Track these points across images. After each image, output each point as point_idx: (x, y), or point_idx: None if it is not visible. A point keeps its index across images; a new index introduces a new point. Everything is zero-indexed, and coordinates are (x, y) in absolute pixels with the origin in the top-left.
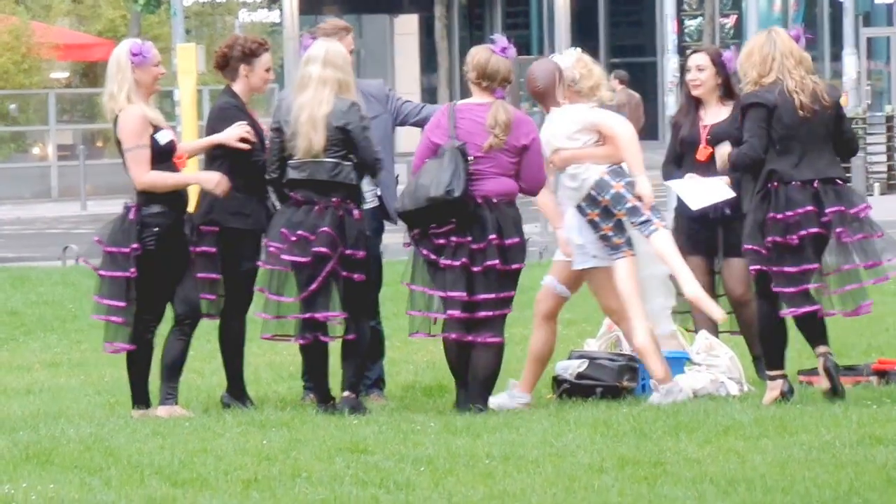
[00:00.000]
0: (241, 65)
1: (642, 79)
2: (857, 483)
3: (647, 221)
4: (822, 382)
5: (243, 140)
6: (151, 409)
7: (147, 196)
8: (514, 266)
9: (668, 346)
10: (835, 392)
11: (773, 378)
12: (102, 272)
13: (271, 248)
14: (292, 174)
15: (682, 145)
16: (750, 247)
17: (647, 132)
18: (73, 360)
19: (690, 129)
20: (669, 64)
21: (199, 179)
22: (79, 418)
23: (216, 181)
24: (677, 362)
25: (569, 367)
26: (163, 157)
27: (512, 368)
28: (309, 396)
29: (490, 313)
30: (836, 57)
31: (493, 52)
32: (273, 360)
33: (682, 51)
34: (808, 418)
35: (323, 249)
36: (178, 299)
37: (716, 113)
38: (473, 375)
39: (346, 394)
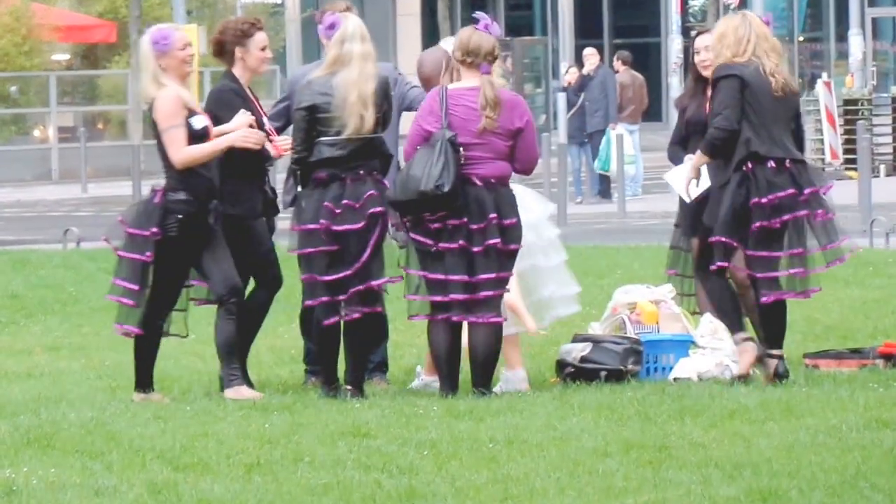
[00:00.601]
0: (236, 47)
1: (646, 60)
2: (863, 467)
3: None
4: (765, 380)
5: (252, 129)
6: (153, 394)
7: (174, 182)
8: (512, 246)
9: (673, 329)
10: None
11: (744, 340)
12: (121, 252)
13: (316, 228)
14: (328, 151)
15: (689, 127)
16: (723, 240)
17: (651, 113)
18: (74, 343)
19: (697, 110)
20: (673, 45)
21: (232, 140)
22: (80, 402)
23: (246, 137)
24: (682, 345)
25: (573, 351)
26: (197, 141)
27: (522, 353)
28: (311, 380)
29: (491, 293)
30: (842, 37)
31: (475, 30)
32: (274, 343)
33: (686, 32)
34: (814, 402)
35: (378, 209)
36: (218, 280)
37: None
38: (474, 358)
39: (348, 387)
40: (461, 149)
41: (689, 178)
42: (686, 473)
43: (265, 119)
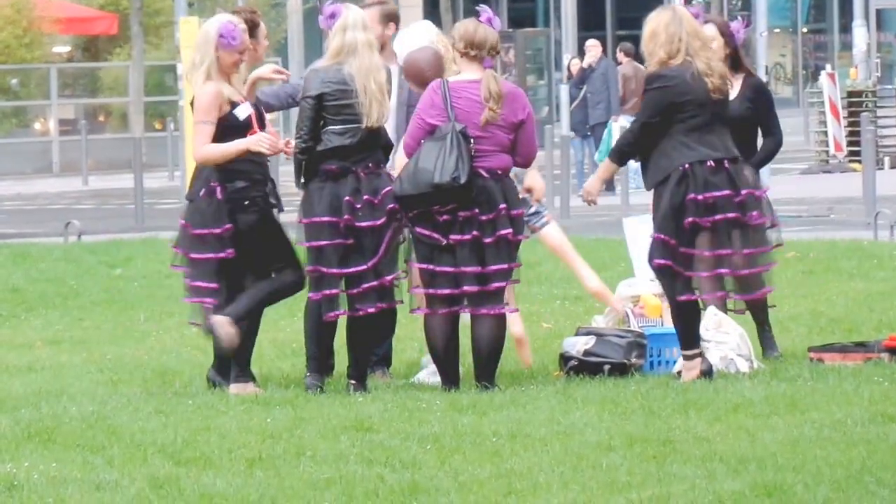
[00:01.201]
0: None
1: None
2: (869, 461)
3: (536, 213)
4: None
5: (267, 135)
6: (251, 385)
7: (226, 173)
8: (521, 237)
9: None
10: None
11: (690, 358)
12: (194, 255)
13: (336, 222)
14: (337, 140)
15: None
16: (662, 237)
17: None
18: (74, 337)
19: None
20: None
21: (248, 144)
22: (81, 396)
23: (263, 142)
24: None
25: (576, 344)
26: (240, 130)
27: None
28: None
29: (502, 284)
30: (846, 29)
31: (479, 23)
32: (276, 337)
33: None
34: (819, 396)
35: (395, 205)
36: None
37: None
38: (478, 350)
39: (352, 381)
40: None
41: (599, 189)
42: (690, 468)
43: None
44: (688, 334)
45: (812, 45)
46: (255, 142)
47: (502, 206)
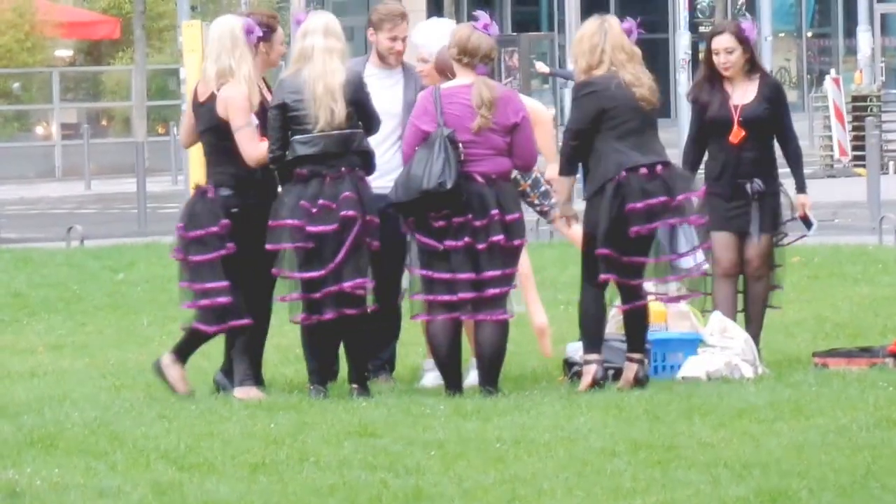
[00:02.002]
0: (261, 43)
1: (654, 55)
2: (874, 467)
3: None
4: (626, 384)
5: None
6: (254, 389)
7: (221, 178)
8: (517, 242)
9: (681, 328)
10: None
11: (588, 362)
12: (196, 258)
13: (292, 225)
14: (302, 150)
15: (711, 126)
16: (605, 251)
17: (660, 109)
18: (77, 342)
19: (720, 109)
20: (681, 41)
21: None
22: (83, 402)
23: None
24: (690, 344)
25: (580, 350)
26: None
27: (528, 351)
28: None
29: (498, 290)
30: (850, 33)
31: (474, 29)
32: (280, 342)
33: (695, 27)
34: (823, 401)
35: (350, 213)
36: None
37: (744, 89)
38: (481, 356)
39: (354, 385)
40: (460, 145)
41: (571, 209)
42: (695, 473)
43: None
44: (590, 337)
45: (817, 49)
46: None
47: (494, 211)
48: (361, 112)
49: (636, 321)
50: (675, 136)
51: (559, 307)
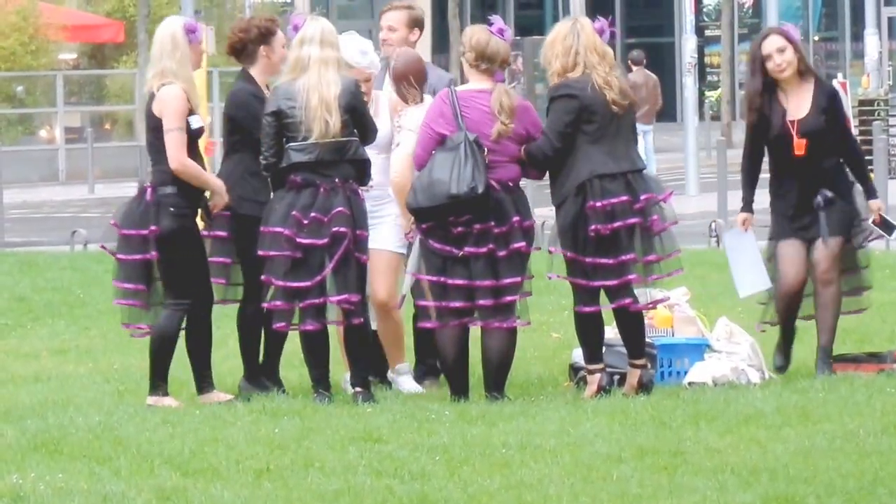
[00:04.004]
0: (261, 46)
1: (659, 60)
2: (881, 473)
3: None
4: (630, 390)
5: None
6: (167, 398)
7: (164, 176)
8: (532, 249)
9: (687, 333)
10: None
11: (591, 372)
12: (121, 256)
13: (282, 233)
14: (297, 157)
15: (770, 142)
16: (566, 253)
17: (665, 114)
18: (81, 347)
19: (777, 125)
20: (687, 44)
21: (216, 188)
22: (87, 407)
23: (220, 199)
24: (696, 349)
25: None
26: (191, 141)
27: (534, 356)
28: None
29: (516, 297)
30: (857, 37)
31: (491, 34)
32: (284, 347)
33: (700, 31)
34: (830, 407)
35: (342, 229)
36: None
37: (798, 99)
38: (488, 362)
39: (357, 389)
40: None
41: None
42: (701, 479)
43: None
44: (591, 348)
45: (824, 53)
46: (220, 191)
47: (515, 218)
48: (357, 121)
49: (629, 326)
50: (680, 140)
51: (563, 312)
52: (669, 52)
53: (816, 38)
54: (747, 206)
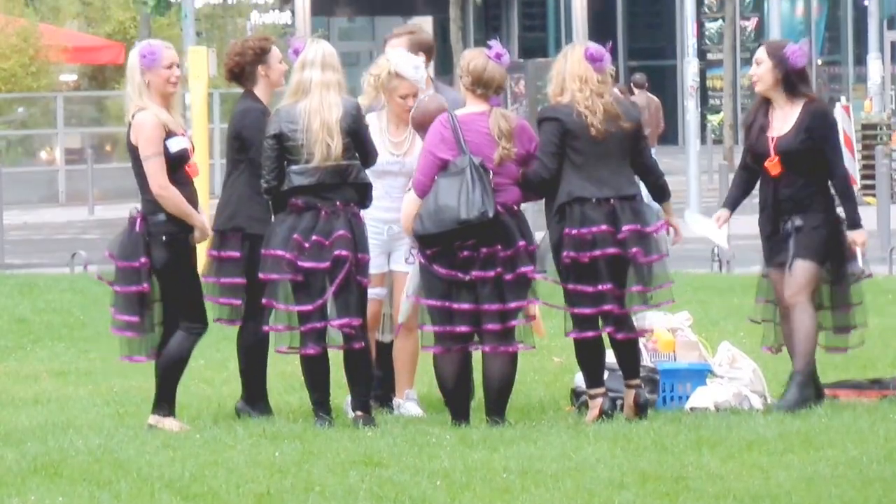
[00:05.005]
0: (258, 66)
1: (661, 82)
2: (885, 500)
3: None
4: (629, 411)
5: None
6: (169, 419)
7: (152, 205)
8: (538, 272)
9: (690, 358)
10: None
11: (593, 396)
12: (117, 287)
13: (284, 257)
14: (299, 180)
15: (753, 157)
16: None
17: (667, 137)
18: (81, 369)
19: (757, 138)
20: (689, 68)
21: (200, 224)
22: (87, 429)
23: (202, 234)
24: (699, 374)
25: None
26: (173, 164)
27: (536, 381)
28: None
29: (521, 321)
30: (861, 61)
31: (488, 59)
32: (284, 370)
33: (703, 54)
34: (834, 433)
35: (344, 252)
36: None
37: (784, 117)
38: (489, 386)
39: (358, 413)
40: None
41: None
42: None
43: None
44: (590, 372)
45: (827, 76)
46: (202, 227)
47: (521, 242)
48: (359, 144)
49: (619, 351)
50: (682, 164)
51: (565, 336)
52: (671, 76)
53: (820, 61)
54: (728, 202)
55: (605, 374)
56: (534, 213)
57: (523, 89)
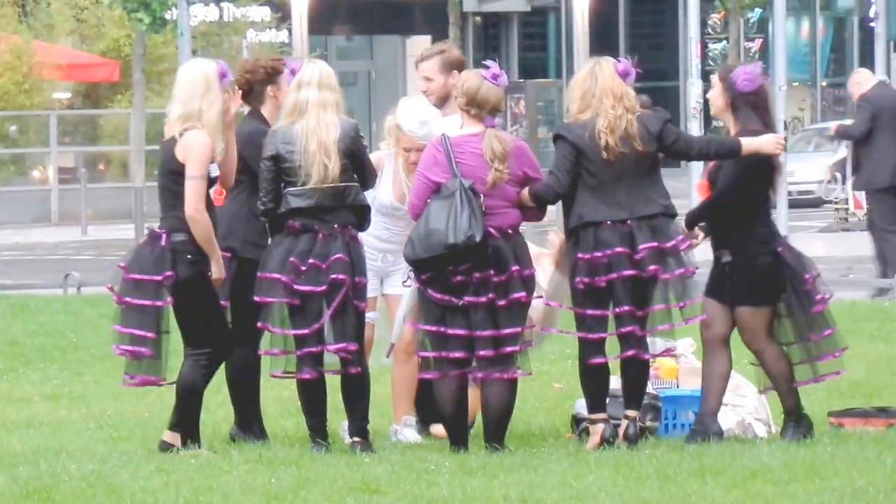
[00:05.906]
0: (268, 86)
1: (664, 104)
2: None
3: None
4: (621, 440)
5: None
6: (202, 449)
7: (175, 223)
8: (533, 298)
9: (693, 385)
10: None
11: (594, 422)
12: (129, 300)
13: (280, 280)
14: (296, 202)
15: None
16: (550, 303)
17: (666, 159)
18: (73, 392)
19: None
20: (692, 89)
21: (217, 259)
22: (80, 454)
23: (217, 272)
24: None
25: None
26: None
27: (536, 407)
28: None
29: (516, 348)
30: None
31: (484, 79)
32: (280, 394)
33: (706, 75)
34: (839, 462)
35: (341, 276)
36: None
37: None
38: (489, 413)
39: (355, 439)
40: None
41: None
42: None
43: None
44: (593, 397)
45: (832, 98)
46: (218, 262)
47: (515, 267)
48: (357, 166)
49: (632, 376)
50: (685, 186)
51: (566, 362)
52: (674, 96)
53: (824, 83)
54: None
55: (607, 400)
56: (534, 234)
57: (523, 110)
